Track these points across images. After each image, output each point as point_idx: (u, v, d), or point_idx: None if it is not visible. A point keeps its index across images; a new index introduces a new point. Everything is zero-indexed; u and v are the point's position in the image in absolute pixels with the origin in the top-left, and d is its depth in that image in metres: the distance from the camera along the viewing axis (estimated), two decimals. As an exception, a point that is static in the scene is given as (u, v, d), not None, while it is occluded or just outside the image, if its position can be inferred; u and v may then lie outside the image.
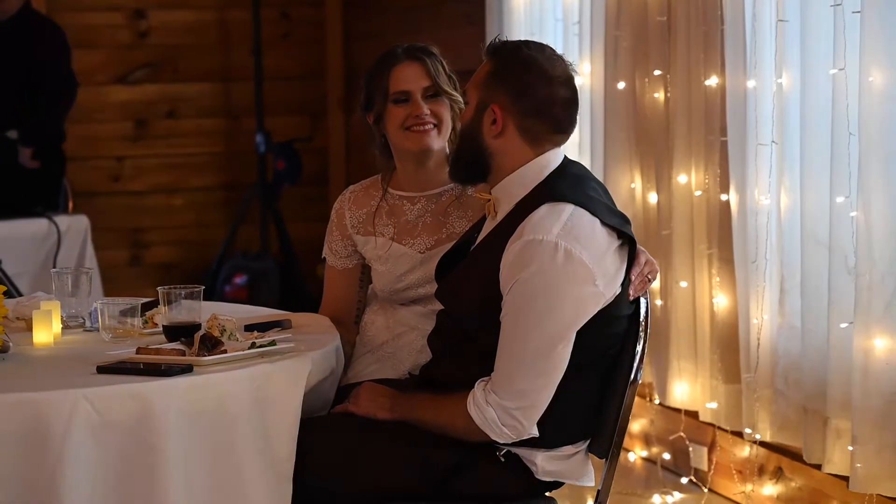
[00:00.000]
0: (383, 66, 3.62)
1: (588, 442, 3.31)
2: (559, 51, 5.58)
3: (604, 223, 3.15)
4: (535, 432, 3.15)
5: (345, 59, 8.21)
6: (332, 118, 8.26)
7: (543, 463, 3.24)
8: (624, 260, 3.19)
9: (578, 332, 3.12)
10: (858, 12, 3.93)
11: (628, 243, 3.20)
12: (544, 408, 3.13)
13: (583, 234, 3.10)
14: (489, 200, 3.28)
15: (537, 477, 3.26)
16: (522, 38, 3.37)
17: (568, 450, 3.27)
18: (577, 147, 5.70)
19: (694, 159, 4.91)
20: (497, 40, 3.28)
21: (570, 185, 3.18)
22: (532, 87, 3.17)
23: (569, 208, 3.12)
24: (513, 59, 3.20)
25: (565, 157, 3.26)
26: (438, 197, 3.64)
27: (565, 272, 3.07)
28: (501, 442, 3.17)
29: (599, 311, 3.14)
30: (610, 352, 3.24)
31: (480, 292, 3.17)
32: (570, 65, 3.24)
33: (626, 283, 3.20)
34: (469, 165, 3.27)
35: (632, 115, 5.27)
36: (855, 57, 3.97)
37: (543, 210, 3.12)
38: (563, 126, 3.22)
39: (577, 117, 3.26)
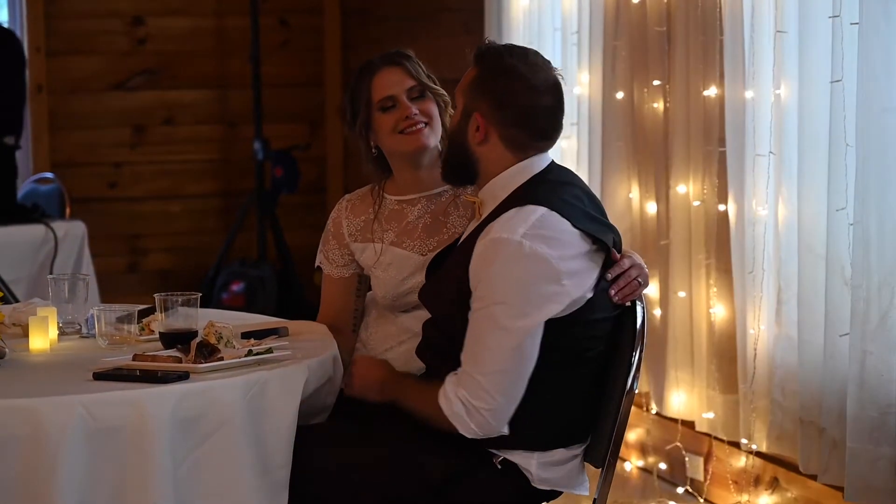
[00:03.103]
0: (363, 77, 3.63)
1: (583, 449, 3.31)
2: (557, 59, 5.63)
3: (576, 226, 3.16)
4: (504, 430, 3.16)
5: (343, 67, 8.21)
6: (331, 126, 8.25)
7: (538, 470, 3.24)
8: (598, 264, 3.20)
9: (549, 332, 3.13)
10: (856, 24, 3.94)
11: (604, 249, 3.20)
12: (511, 405, 3.14)
13: (550, 234, 3.13)
14: (474, 202, 3.34)
15: (534, 485, 3.26)
16: (510, 43, 3.37)
17: (561, 454, 3.27)
18: (575, 155, 5.70)
19: (692, 169, 4.91)
20: (483, 45, 3.29)
21: (546, 189, 3.21)
22: (513, 97, 3.20)
23: (539, 210, 3.15)
24: (495, 68, 3.23)
25: (552, 162, 3.29)
26: (438, 197, 3.64)
27: (529, 270, 3.10)
28: (469, 437, 3.17)
29: (573, 313, 3.15)
30: (589, 354, 3.24)
31: (456, 292, 3.20)
32: (556, 70, 3.26)
33: (601, 287, 3.20)
34: (457, 169, 3.33)
35: (630, 124, 5.27)
36: (853, 68, 3.98)
37: (513, 212, 3.16)
38: (546, 134, 3.25)
39: (563, 121, 3.29)
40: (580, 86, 5.57)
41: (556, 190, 3.21)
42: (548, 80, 3.23)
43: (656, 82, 5.07)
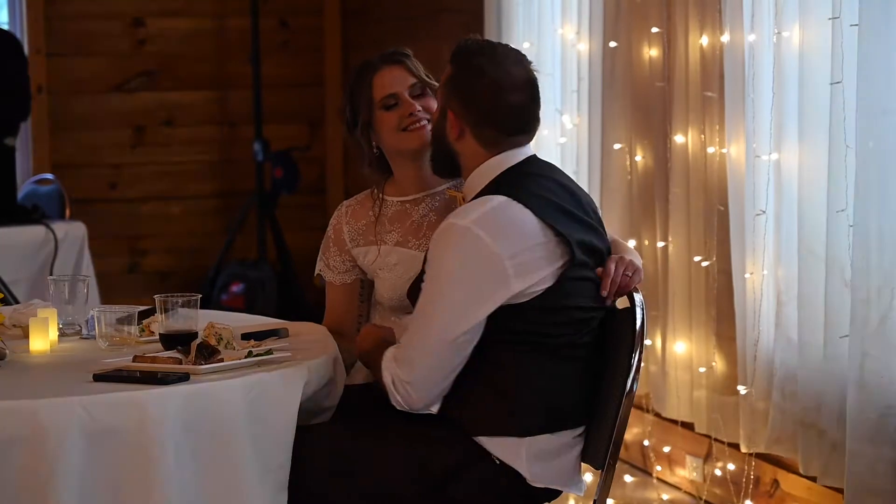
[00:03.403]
0: (363, 77, 3.62)
1: (575, 438, 3.30)
2: (559, 62, 5.60)
3: (538, 217, 3.17)
4: (432, 409, 3.22)
5: (343, 68, 8.20)
6: (331, 127, 8.25)
7: (529, 464, 3.25)
8: (560, 256, 3.19)
9: (502, 314, 3.15)
10: (856, 25, 3.94)
11: (565, 243, 3.20)
12: (436, 384, 3.20)
13: (503, 222, 3.16)
14: (455, 197, 3.41)
15: (530, 483, 3.27)
16: (485, 40, 3.41)
17: (547, 442, 3.26)
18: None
19: (693, 173, 4.92)
20: (460, 43, 3.34)
21: (515, 181, 3.24)
22: (480, 97, 3.26)
23: (498, 200, 3.19)
24: (464, 68, 3.29)
25: (532, 156, 3.32)
26: (441, 194, 3.64)
27: (471, 255, 3.14)
28: (398, 409, 3.23)
29: (534, 299, 3.16)
30: (559, 339, 3.23)
31: None
32: (530, 64, 3.29)
33: (571, 275, 3.19)
34: (442, 163, 3.41)
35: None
36: (852, 70, 3.98)
37: (474, 201, 3.22)
38: (517, 130, 3.29)
39: (539, 115, 3.31)
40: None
41: (526, 181, 3.24)
42: (517, 78, 3.27)
43: (659, 83, 5.08)
